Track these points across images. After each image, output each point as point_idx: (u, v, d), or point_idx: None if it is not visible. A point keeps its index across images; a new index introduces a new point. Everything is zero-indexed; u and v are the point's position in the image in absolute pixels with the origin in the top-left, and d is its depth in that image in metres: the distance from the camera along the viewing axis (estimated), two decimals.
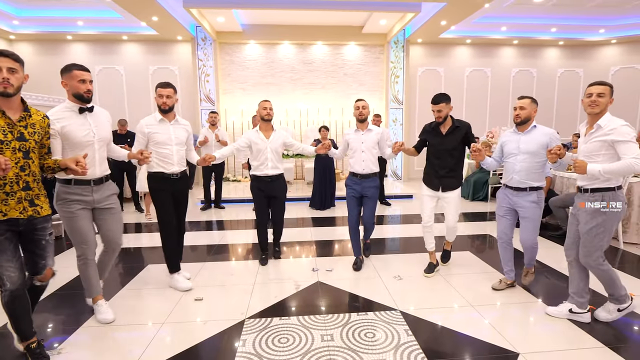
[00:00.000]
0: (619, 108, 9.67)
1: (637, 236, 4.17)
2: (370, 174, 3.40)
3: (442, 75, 9.51)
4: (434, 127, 3.21)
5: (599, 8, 7.14)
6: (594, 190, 2.30)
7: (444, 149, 3.15)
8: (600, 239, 2.32)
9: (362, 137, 3.40)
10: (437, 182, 3.20)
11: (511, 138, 2.85)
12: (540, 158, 2.71)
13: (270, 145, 3.42)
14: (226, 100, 9.10)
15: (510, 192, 2.85)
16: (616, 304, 2.47)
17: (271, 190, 3.51)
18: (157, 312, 2.70)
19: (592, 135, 2.29)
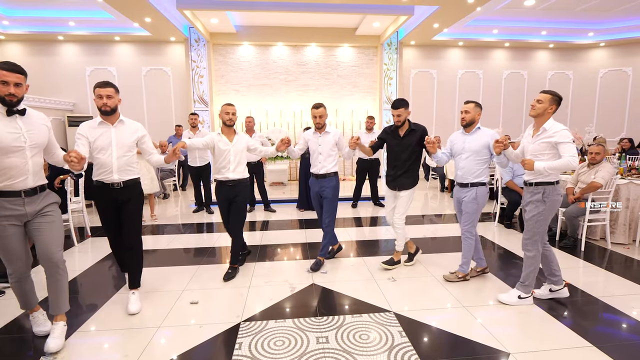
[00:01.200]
0: (607, 109, 9.88)
1: (624, 237, 4.26)
2: (327, 174, 3.51)
3: (435, 77, 9.60)
4: (393, 129, 3.43)
5: (588, 12, 7.28)
6: (537, 184, 2.69)
7: (401, 151, 3.37)
8: (540, 225, 2.72)
9: (319, 139, 3.52)
10: (393, 182, 3.44)
11: (458, 138, 3.20)
12: (482, 156, 3.06)
13: (233, 148, 3.31)
14: (220, 102, 9.06)
15: (457, 188, 3.22)
16: (520, 291, 2.87)
17: (232, 194, 3.34)
18: (153, 316, 2.70)
19: (539, 137, 2.66)
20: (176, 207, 6.78)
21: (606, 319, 2.67)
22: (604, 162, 4.17)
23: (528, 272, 2.83)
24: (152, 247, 4.40)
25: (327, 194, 3.52)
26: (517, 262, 3.83)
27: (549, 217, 2.72)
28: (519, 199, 4.92)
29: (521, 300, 2.83)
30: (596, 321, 2.65)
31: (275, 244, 4.47)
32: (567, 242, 4.24)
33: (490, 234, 4.85)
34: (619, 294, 3.04)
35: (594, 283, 3.28)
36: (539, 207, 2.69)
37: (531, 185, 2.73)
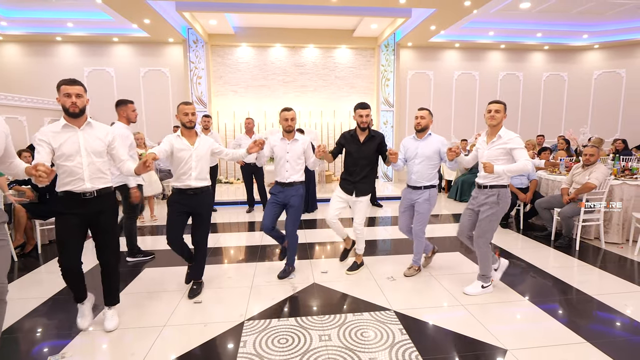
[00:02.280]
0: (602, 111, 10.01)
1: (617, 236, 4.35)
2: (294, 183, 3.36)
3: (432, 78, 9.69)
4: (352, 135, 3.40)
5: (583, 14, 7.39)
6: (492, 186, 2.93)
7: (360, 157, 3.35)
8: (490, 225, 2.98)
9: (287, 146, 3.33)
10: (352, 187, 3.39)
11: (411, 144, 3.37)
12: (434, 161, 3.29)
13: (195, 152, 2.96)
14: (218, 103, 9.12)
15: (410, 190, 3.39)
16: (481, 281, 3.10)
17: (194, 205, 3.00)
18: (157, 316, 2.74)
19: (494, 143, 2.90)
20: None
21: (600, 317, 2.74)
22: (598, 163, 4.26)
23: (484, 265, 3.08)
24: (152, 247, 4.43)
25: (294, 202, 3.36)
26: (514, 260, 3.91)
27: (500, 217, 3.00)
28: (516, 200, 5.01)
29: (484, 289, 3.10)
30: (590, 318, 2.72)
31: (275, 244, 4.50)
32: (562, 241, 4.33)
33: None
34: (613, 292, 3.12)
35: (588, 282, 3.36)
36: (494, 208, 2.93)
37: (486, 187, 2.96)
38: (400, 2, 6.05)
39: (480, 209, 3.00)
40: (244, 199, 6.62)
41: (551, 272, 3.57)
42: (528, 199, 4.96)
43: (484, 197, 2.97)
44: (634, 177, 4.45)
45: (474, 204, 3.08)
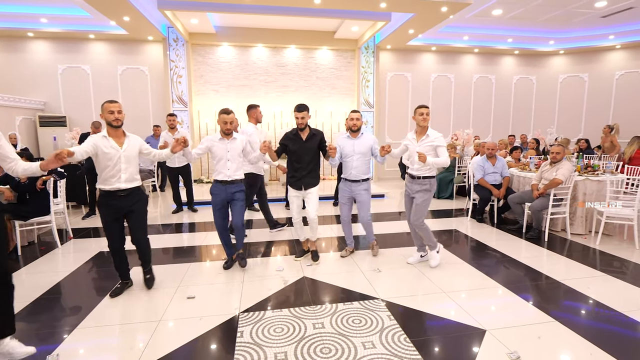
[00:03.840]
0: (566, 112, 10.64)
1: (581, 228, 4.72)
2: (236, 180, 3.51)
3: (410, 80, 10.00)
4: (295, 134, 3.63)
5: (549, 22, 7.86)
6: (425, 177, 3.48)
7: (304, 153, 3.59)
8: (426, 208, 3.54)
9: (227, 145, 3.45)
10: (300, 182, 3.62)
11: (346, 142, 3.76)
12: (367, 157, 3.77)
13: (124, 153, 2.85)
14: (199, 102, 9.06)
15: (349, 183, 3.80)
16: (433, 249, 3.68)
17: (126, 205, 2.94)
18: (151, 311, 2.79)
19: (424, 141, 3.43)
20: (156, 208, 6.73)
21: (566, 298, 3.01)
22: (564, 161, 4.60)
23: (429, 238, 3.61)
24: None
25: (237, 196, 3.52)
26: (489, 252, 4.17)
27: (430, 202, 3.58)
28: (490, 196, 5.31)
29: (439, 254, 3.71)
30: (558, 300, 2.98)
31: (263, 241, 4.61)
32: (532, 233, 4.64)
33: (464, 228, 5.20)
34: (577, 277, 3.42)
35: (556, 269, 3.65)
36: (427, 194, 3.51)
37: (419, 178, 3.50)
38: (381, 6, 6.26)
39: (416, 195, 3.53)
40: None
41: (523, 262, 3.85)
42: (501, 195, 5.27)
43: (419, 186, 3.50)
44: (595, 173, 4.83)
45: (410, 192, 3.62)
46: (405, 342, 2.34)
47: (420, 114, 3.42)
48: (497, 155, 5.51)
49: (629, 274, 3.54)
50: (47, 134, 8.23)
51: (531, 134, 10.03)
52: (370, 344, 2.33)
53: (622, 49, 9.66)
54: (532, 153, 7.51)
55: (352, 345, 2.32)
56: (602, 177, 4.66)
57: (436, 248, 3.69)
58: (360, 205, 3.83)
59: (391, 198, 7.46)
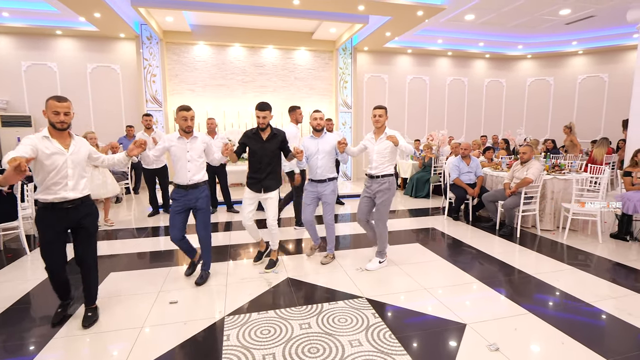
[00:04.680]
0: (534, 114, 11.15)
1: (550, 224, 4.98)
2: (198, 184, 3.22)
3: (387, 81, 10.19)
4: (255, 133, 3.45)
5: (518, 28, 8.23)
6: (384, 176, 3.52)
7: (264, 154, 3.43)
8: (387, 208, 3.58)
9: (187, 145, 3.15)
10: (259, 185, 3.46)
11: (310, 142, 3.72)
12: (332, 155, 3.73)
13: (71, 157, 2.44)
14: (174, 102, 8.84)
15: (315, 184, 3.74)
16: (379, 257, 3.67)
17: (75, 218, 2.50)
18: (133, 318, 2.71)
19: (382, 139, 3.50)
20: (130, 211, 6.53)
21: (538, 291, 3.18)
22: (534, 160, 4.84)
23: (382, 243, 3.64)
24: (119, 251, 4.28)
25: (200, 204, 3.23)
26: (465, 248, 4.33)
27: (391, 201, 3.60)
28: (465, 194, 5.51)
29: (381, 265, 3.66)
30: (531, 293, 3.15)
31: (244, 243, 4.57)
32: (505, 230, 4.85)
33: (441, 226, 5.36)
34: (548, 271, 3.61)
35: (527, 263, 3.84)
36: (387, 194, 3.52)
37: (378, 177, 3.52)
38: (359, 9, 6.35)
39: (376, 195, 3.55)
40: None
41: (497, 257, 4.03)
42: (476, 193, 5.48)
43: (378, 186, 3.52)
44: (562, 172, 5.11)
45: (369, 192, 3.62)
46: (390, 339, 2.40)
47: (374, 116, 3.52)
48: (471, 155, 5.72)
49: (593, 266, 3.78)
50: (10, 134, 7.79)
51: (501, 134, 10.45)
52: (357, 342, 2.37)
53: (584, 55, 10.25)
54: (503, 153, 7.84)
55: (339, 344, 2.35)
56: (568, 175, 4.94)
57: (383, 258, 3.68)
58: (326, 207, 3.79)
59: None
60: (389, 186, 3.52)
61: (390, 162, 3.57)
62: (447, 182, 5.85)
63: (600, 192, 4.58)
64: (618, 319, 2.69)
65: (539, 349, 2.33)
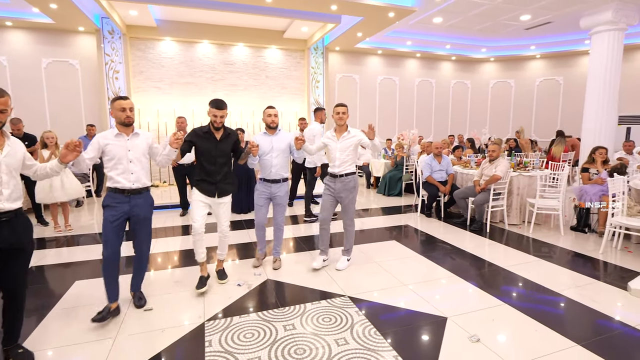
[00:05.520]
0: (497, 114, 11.69)
1: (516, 219, 5.23)
2: (142, 189, 2.74)
3: (358, 82, 10.30)
4: (207, 132, 3.09)
5: (481, 32, 8.60)
6: (347, 174, 3.50)
7: (219, 155, 3.11)
8: (354, 206, 3.61)
9: (128, 143, 2.67)
10: (213, 188, 3.11)
11: (264, 140, 3.53)
12: (287, 154, 3.59)
13: (5, 160, 2.05)
14: (139, 100, 8.46)
15: (269, 184, 3.57)
16: (347, 255, 3.70)
17: (9, 237, 2.06)
18: (103, 328, 2.55)
19: (345, 137, 3.48)
20: (92, 215, 6.17)
21: (510, 282, 3.32)
22: (501, 158, 5.07)
23: (350, 241, 3.69)
24: (83, 258, 4.02)
25: (143, 212, 2.74)
26: (439, 244, 4.45)
27: (356, 199, 3.61)
28: (437, 192, 5.67)
29: (348, 262, 3.69)
30: (504, 284, 3.28)
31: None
32: (476, 225, 5.04)
33: (414, 223, 5.48)
34: (516, 263, 3.79)
35: (498, 256, 4.01)
36: (353, 192, 3.53)
37: (342, 176, 3.48)
38: (332, 9, 6.36)
39: (342, 196, 3.51)
40: (174, 202, 6.32)
41: (470, 251, 4.17)
42: (447, 191, 5.65)
43: (342, 185, 3.48)
44: (526, 169, 5.39)
45: (333, 191, 3.55)
46: (376, 336, 2.41)
47: (337, 113, 3.46)
48: (442, 154, 5.90)
49: (556, 257, 4.00)
50: None
51: (467, 134, 10.88)
52: (342, 340, 2.37)
53: (542, 59, 10.89)
54: (470, 152, 8.16)
55: (326, 343, 2.33)
56: (532, 172, 5.21)
57: (349, 256, 3.70)
58: (278, 208, 3.63)
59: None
60: (354, 184, 3.51)
61: (353, 160, 3.53)
62: (419, 180, 6.00)
63: (561, 188, 4.87)
64: (584, 305, 2.86)
65: (515, 338, 2.43)
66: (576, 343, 2.34)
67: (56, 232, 4.98)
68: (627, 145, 6.13)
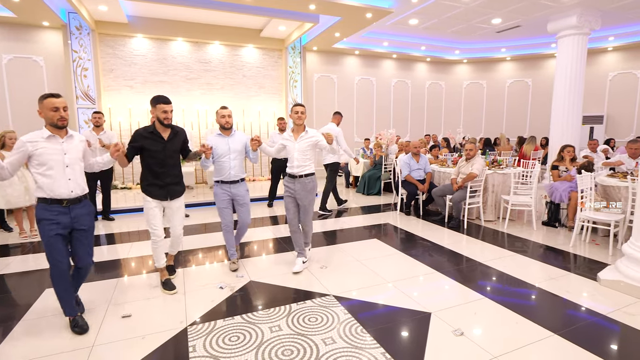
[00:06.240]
0: (470, 114, 12.04)
1: (492, 215, 5.41)
2: (80, 198, 2.48)
3: (336, 81, 10.34)
4: (152, 132, 2.93)
5: (455, 34, 8.83)
6: (307, 175, 3.45)
7: (168, 156, 2.96)
8: (312, 207, 3.57)
9: (63, 145, 2.43)
10: (163, 191, 2.99)
11: (220, 141, 3.45)
12: (243, 155, 3.54)
13: None
14: (110, 99, 8.13)
15: (228, 186, 3.48)
16: (302, 257, 3.60)
17: None
18: (78, 337, 2.42)
19: (303, 138, 3.43)
20: None
21: (489, 276, 3.43)
22: (477, 157, 5.22)
23: (308, 242, 3.70)
24: (36, 267, 3.79)
25: (86, 223, 2.52)
26: (419, 241, 4.53)
27: (314, 199, 3.56)
28: (416, 190, 5.77)
29: (304, 264, 3.61)
30: (483, 279, 3.38)
31: (198, 248, 4.33)
32: (453, 222, 5.17)
33: (394, 221, 5.56)
34: (493, 257, 3.91)
35: (474, 251, 4.13)
36: (311, 194, 3.49)
37: (301, 177, 3.43)
38: (310, 8, 6.34)
39: (301, 197, 3.46)
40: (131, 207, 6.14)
41: (448, 247, 4.28)
42: (425, 189, 5.76)
43: (301, 186, 3.43)
44: (500, 167, 5.58)
45: (292, 193, 3.49)
46: (362, 334, 2.42)
47: (296, 112, 3.41)
48: (420, 153, 6.01)
49: (530, 251, 4.16)
50: None
51: (442, 134, 11.15)
52: (330, 339, 2.35)
53: (512, 61, 11.32)
54: (446, 151, 8.36)
55: (313, 343, 2.32)
56: (506, 170, 5.40)
57: (305, 257, 3.63)
58: (243, 208, 3.55)
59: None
60: (313, 185, 3.47)
61: (311, 160, 3.49)
62: (398, 178, 6.08)
63: (533, 185, 5.07)
64: (558, 296, 2.99)
65: (497, 330, 2.50)
66: (553, 332, 2.43)
67: (21, 238, 4.70)
68: (592, 143, 6.46)
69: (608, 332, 2.49)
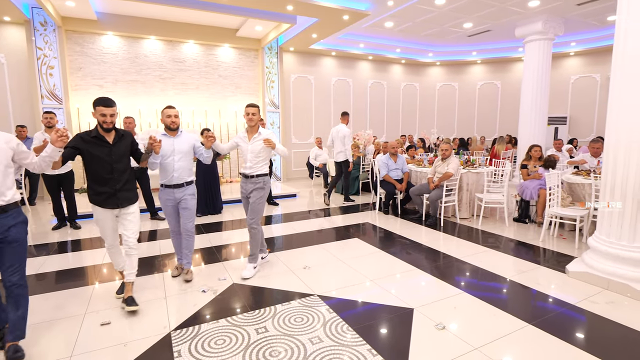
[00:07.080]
0: (443, 115, 12.39)
1: (467, 212, 5.61)
2: (9, 207, 2.20)
3: (313, 82, 10.37)
4: (96, 136, 2.71)
5: (429, 37, 9.09)
6: (258, 175, 3.45)
7: (116, 160, 2.77)
8: (262, 206, 3.50)
9: None
10: (114, 199, 2.80)
11: (165, 142, 3.22)
12: (191, 156, 3.40)
13: None
14: (79, 98, 7.80)
15: (172, 190, 3.29)
16: (253, 263, 3.51)
17: None
18: (57, 346, 2.32)
19: (256, 139, 3.43)
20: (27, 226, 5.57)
21: (466, 271, 3.56)
22: (452, 157, 5.39)
23: (256, 245, 3.52)
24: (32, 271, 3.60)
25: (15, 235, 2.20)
26: (398, 239, 4.63)
27: (265, 200, 3.54)
28: (394, 189, 5.89)
29: (256, 270, 3.51)
30: (460, 274, 3.50)
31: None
32: (430, 221, 5.32)
33: (373, 220, 5.65)
34: (469, 253, 4.06)
35: (451, 248, 4.27)
36: (261, 192, 3.47)
37: (253, 177, 3.45)
38: (288, 9, 6.34)
39: (251, 194, 3.46)
40: None
41: (427, 245, 4.40)
42: (403, 188, 5.90)
43: (252, 185, 3.45)
44: (474, 167, 5.79)
45: (245, 192, 3.52)
46: (348, 331, 2.46)
47: (247, 114, 3.38)
48: (398, 153, 6.14)
49: (503, 246, 4.35)
50: None
51: (417, 134, 11.42)
52: (317, 339, 2.38)
53: (482, 64, 11.76)
54: (421, 151, 8.58)
55: (300, 343, 2.33)
56: (479, 169, 5.61)
57: (255, 263, 3.52)
58: (187, 213, 3.34)
59: (303, 197, 7.63)
60: (263, 185, 3.46)
61: (264, 161, 3.49)
62: (376, 178, 6.19)
63: (505, 183, 5.30)
64: (530, 288, 3.15)
65: (476, 323, 2.61)
66: (527, 323, 2.57)
67: None
68: (557, 143, 6.82)
69: (576, 321, 2.65)
